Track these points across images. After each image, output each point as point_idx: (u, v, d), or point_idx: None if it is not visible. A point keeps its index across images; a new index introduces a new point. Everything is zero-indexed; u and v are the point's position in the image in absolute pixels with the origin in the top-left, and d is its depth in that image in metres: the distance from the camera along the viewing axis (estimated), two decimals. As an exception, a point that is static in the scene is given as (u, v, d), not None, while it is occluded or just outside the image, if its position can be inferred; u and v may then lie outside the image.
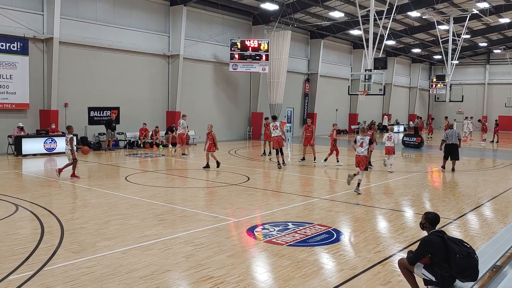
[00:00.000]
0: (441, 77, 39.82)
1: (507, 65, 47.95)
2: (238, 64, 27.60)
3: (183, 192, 12.14)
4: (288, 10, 27.63)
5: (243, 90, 30.58)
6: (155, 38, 24.86)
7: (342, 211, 10.11)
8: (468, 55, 50.42)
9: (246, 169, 16.65)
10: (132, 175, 14.42)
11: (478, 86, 52.07)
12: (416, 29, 37.35)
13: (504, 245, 6.69)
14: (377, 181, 14.62)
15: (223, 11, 27.65)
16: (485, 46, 46.55)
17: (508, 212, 10.37)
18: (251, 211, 9.94)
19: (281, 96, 29.96)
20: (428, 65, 54.67)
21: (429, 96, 53.48)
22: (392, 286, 5.85)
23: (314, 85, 35.72)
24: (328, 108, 37.93)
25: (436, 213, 5.35)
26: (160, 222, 8.69)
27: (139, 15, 24.03)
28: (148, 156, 20.18)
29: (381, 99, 44.99)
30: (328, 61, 37.35)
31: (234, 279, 5.96)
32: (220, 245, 7.37)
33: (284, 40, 29.26)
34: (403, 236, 8.22)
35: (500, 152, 26.59)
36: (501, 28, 39.05)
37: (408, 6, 28.99)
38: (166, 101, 25.82)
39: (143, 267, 6.27)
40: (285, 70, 29.71)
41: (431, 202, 11.64)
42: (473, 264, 4.96)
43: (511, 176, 16.61)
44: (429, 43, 42.48)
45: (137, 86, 24.23)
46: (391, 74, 45.00)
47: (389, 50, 42.21)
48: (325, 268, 6.54)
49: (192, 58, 26.45)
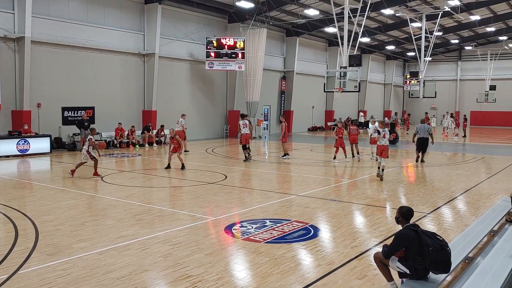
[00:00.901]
0: (415, 73, 40.49)
1: (478, 61, 49.02)
2: (214, 63, 27.54)
3: (161, 192, 12.07)
4: (264, 8, 27.69)
5: (220, 88, 30.53)
6: (129, 37, 24.59)
7: (319, 207, 10.22)
8: (440, 51, 51.37)
9: (223, 167, 16.66)
10: (108, 176, 14.26)
11: (451, 82, 53.12)
12: (389, 26, 37.89)
13: (475, 237, 6.87)
14: (353, 177, 14.80)
15: (199, 9, 27.53)
16: (456, 43, 47.52)
17: (479, 205, 10.64)
18: (229, 209, 9.96)
19: (257, 94, 30.02)
20: (402, 62, 55.49)
21: (403, 93, 54.29)
22: (368, 280, 5.95)
23: (290, 82, 35.89)
24: (305, 106, 38.19)
25: (410, 207, 5.46)
26: (137, 222, 8.63)
27: (113, 14, 23.74)
28: (125, 156, 19.98)
29: (357, 96, 45.48)
30: (304, 58, 37.58)
31: (213, 277, 5.97)
32: (198, 243, 7.37)
33: (260, 38, 29.31)
34: (378, 230, 8.36)
35: (472, 147, 27.21)
36: (472, 25, 39.93)
37: (381, 4, 29.37)
38: (142, 100, 25.59)
39: (120, 268, 6.23)
40: (261, 68, 29.77)
41: (406, 196, 11.85)
42: (446, 257, 5.09)
43: (482, 170, 17.05)
44: (402, 40, 43.14)
45: (112, 85, 23.94)
46: (366, 71, 45.53)
47: (364, 47, 42.68)
48: (303, 264, 6.61)
49: (167, 56, 26.26)
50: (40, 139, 19.92)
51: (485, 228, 7.41)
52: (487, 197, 11.57)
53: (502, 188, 12.83)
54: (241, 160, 18.34)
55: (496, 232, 7.98)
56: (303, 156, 20.71)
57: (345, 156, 18.76)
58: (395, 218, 5.56)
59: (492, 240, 7.52)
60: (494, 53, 47.42)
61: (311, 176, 14.91)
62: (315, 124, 40.36)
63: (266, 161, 18.92)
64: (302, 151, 22.88)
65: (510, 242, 6.13)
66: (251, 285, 5.80)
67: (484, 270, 5.30)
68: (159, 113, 25.76)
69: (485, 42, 48.63)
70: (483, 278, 5.05)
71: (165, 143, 24.88)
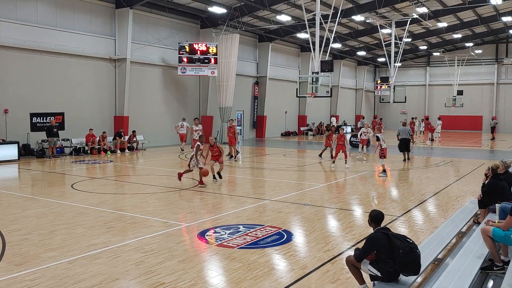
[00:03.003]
0: (385, 79, 41.19)
1: (445, 67, 50.27)
2: (187, 68, 27.42)
3: (133, 198, 11.91)
4: (236, 14, 27.75)
5: (193, 93, 30.40)
6: (100, 42, 24.25)
7: (292, 212, 10.26)
8: (409, 57, 52.47)
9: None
10: (78, 183, 13.99)
11: (420, 87, 54.27)
12: (360, 32, 38.49)
13: (444, 239, 7.02)
14: (326, 181, 14.93)
15: (171, 14, 27.39)
16: (425, 49, 48.64)
17: (448, 207, 10.88)
18: (202, 215, 9.90)
19: (230, 99, 30.02)
20: (373, 67, 56.41)
21: (374, 97, 55.13)
22: (341, 284, 6.00)
23: (263, 87, 36.02)
24: (278, 111, 38.37)
25: (380, 211, 5.54)
26: (109, 230, 8.49)
27: (83, 18, 23.37)
28: (96, 163, 19.64)
29: (329, 101, 45.98)
30: (277, 64, 37.80)
31: (185, 284, 5.92)
32: (170, 250, 7.29)
33: (232, 43, 29.35)
34: (351, 234, 8.45)
35: (441, 150, 27.81)
36: (440, 32, 40.97)
37: (352, 10, 29.83)
38: (114, 105, 25.24)
39: (91, 277, 6.11)
40: (234, 73, 29.80)
41: (378, 200, 12.02)
42: (416, 259, 5.19)
43: (451, 173, 17.45)
44: (373, 46, 43.89)
45: (83, 90, 23.54)
46: (338, 76, 46.08)
47: (335, 53, 43.22)
48: (276, 269, 6.62)
49: (139, 61, 26.00)
50: (7, 146, 19.41)
51: (454, 230, 7.59)
52: (456, 200, 11.84)
53: (469, 190, 13.15)
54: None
55: (464, 233, 8.18)
56: (276, 161, 20.78)
57: (345, 161, 18.17)
58: (368, 221, 5.63)
59: (461, 241, 7.70)
60: (461, 59, 48.73)
61: (284, 181, 14.96)
62: (288, 129, 40.59)
63: (239, 166, 18.89)
64: (275, 156, 22.96)
65: (478, 243, 6.28)
66: (224, 291, 5.77)
67: (452, 271, 5.42)
68: (131, 118, 25.45)
69: (452, 48, 49.98)
70: (452, 278, 5.16)
71: (137, 149, 24.64)
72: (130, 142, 24.53)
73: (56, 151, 21.21)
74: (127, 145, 24.17)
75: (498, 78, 49.94)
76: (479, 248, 6.16)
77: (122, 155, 22.57)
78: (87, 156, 21.70)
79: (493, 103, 49.97)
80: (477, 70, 50.39)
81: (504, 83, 49.75)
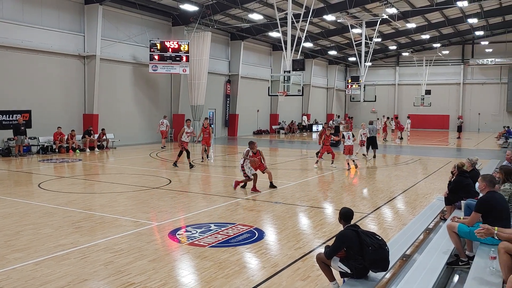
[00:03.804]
0: (356, 78, 41.71)
1: (414, 67, 51.28)
2: (158, 65, 27.12)
3: (102, 198, 11.71)
4: (208, 12, 27.59)
5: (164, 91, 30.10)
6: (69, 38, 23.72)
7: (264, 210, 10.30)
8: (379, 57, 53.30)
9: (168, 171, 16.42)
10: (46, 182, 13.67)
11: (389, 87, 55.21)
12: (331, 32, 38.88)
13: (412, 235, 7.17)
14: (297, 180, 15.03)
15: (142, 11, 27.02)
16: (394, 49, 49.50)
17: (416, 204, 11.12)
18: (173, 214, 9.83)
19: (202, 97, 29.87)
20: (343, 67, 57.04)
21: (345, 96, 55.77)
22: (312, 281, 6.06)
23: (235, 86, 35.97)
24: (250, 109, 38.38)
25: (349, 209, 5.62)
26: (77, 230, 8.33)
27: (51, 13, 22.82)
28: (64, 161, 19.23)
29: (300, 100, 46.26)
30: (249, 62, 37.80)
31: (156, 284, 5.87)
32: (141, 250, 7.21)
33: (204, 41, 29.20)
34: (322, 231, 8.53)
35: (409, 149, 28.36)
36: (409, 32, 41.78)
37: (323, 10, 30.08)
38: (83, 103, 24.74)
39: (58, 278, 5.98)
40: (206, 72, 29.65)
41: (348, 197, 12.18)
42: (384, 255, 5.28)
43: (419, 171, 17.83)
44: (344, 45, 44.39)
45: (51, 88, 22.99)
46: (309, 75, 46.42)
47: (307, 52, 43.52)
48: (248, 267, 6.63)
49: (109, 59, 25.58)
50: (-29, 144, 18.81)
51: (421, 226, 7.76)
52: (423, 197, 12.11)
53: (437, 187, 13.46)
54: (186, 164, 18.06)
55: (432, 229, 8.38)
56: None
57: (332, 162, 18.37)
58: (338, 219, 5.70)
59: (428, 237, 7.88)
60: (429, 59, 49.81)
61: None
62: (260, 127, 40.66)
63: (211, 165, 18.82)
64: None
65: (444, 239, 6.43)
66: (195, 290, 5.75)
67: (420, 266, 5.54)
68: (101, 117, 25.01)
69: (421, 48, 51.04)
70: (419, 274, 5.28)
71: (107, 148, 24.24)
72: (100, 140, 24.12)
73: (23, 149, 20.68)
74: (97, 143, 23.76)
75: (464, 78, 51.29)
76: (445, 244, 6.31)
77: (92, 154, 22.17)
78: (55, 155, 21.23)
79: (460, 103, 51.30)
80: (444, 70, 51.62)
81: (470, 83, 51.13)
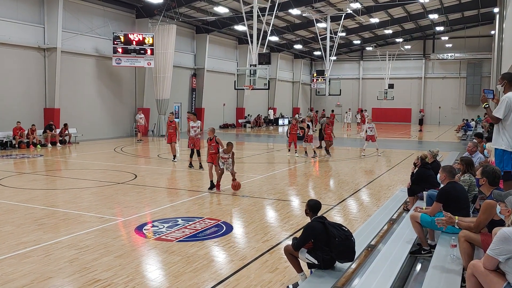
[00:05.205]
0: (321, 72, 42.20)
1: (378, 61, 52.27)
2: (122, 59, 26.62)
3: (65, 194, 11.43)
4: (173, 4, 27.23)
5: (128, 85, 29.58)
6: (28, 29, 22.95)
7: (231, 204, 10.31)
8: (344, 51, 53.96)
9: (133, 166, 16.18)
10: (6, 178, 13.24)
11: (354, 81, 56.08)
12: (297, 26, 39.11)
13: (377, 226, 7.34)
14: (264, 173, 15.09)
15: (104, 3, 26.41)
16: (358, 44, 50.25)
17: (380, 196, 11.37)
18: (140, 209, 9.70)
19: (167, 91, 29.54)
20: (309, 61, 57.51)
21: (310, 90, 56.29)
22: (280, 272, 6.11)
23: (201, 80, 35.72)
24: (216, 103, 38.22)
25: (317, 201, 5.68)
26: (40, 227, 8.12)
27: (8, 4, 21.98)
28: (25, 157, 18.66)
29: (266, 93, 46.41)
30: (215, 56, 37.59)
31: (123, 280, 5.79)
32: (106, 246, 7.10)
33: (169, 34, 28.84)
34: (289, 224, 8.61)
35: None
36: (372, 27, 42.52)
37: (289, 4, 30.22)
38: (43, 97, 24.02)
39: (21, 277, 5.82)
40: (171, 65, 29.32)
41: (314, 190, 12.33)
42: (350, 246, 5.38)
43: (383, 163, 18.22)
44: (309, 39, 44.74)
45: (9, 81, 22.20)
46: (275, 69, 46.58)
47: (273, 46, 43.62)
48: (216, 261, 6.63)
49: (71, 51, 24.90)
50: None
51: (385, 217, 7.94)
52: (387, 188, 12.39)
53: (400, 179, 13.80)
54: (151, 158, 17.88)
55: (395, 220, 8.58)
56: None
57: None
58: (305, 211, 5.76)
59: (392, 227, 8.07)
60: (392, 54, 50.87)
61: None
62: (227, 121, 40.57)
63: (178, 159, 18.66)
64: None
65: (407, 229, 6.61)
66: (163, 285, 5.71)
67: (384, 256, 5.67)
68: (62, 111, 24.35)
69: (384, 43, 52.04)
70: (384, 263, 5.40)
71: (70, 143, 23.67)
72: (62, 135, 23.51)
73: (-20, 145, 19.96)
74: (59, 138, 23.15)
75: (426, 72, 52.67)
76: (408, 233, 6.48)
77: (53, 149, 21.59)
78: (14, 151, 20.56)
79: (421, 97, 52.65)
80: (407, 64, 52.83)
81: (431, 78, 52.54)
